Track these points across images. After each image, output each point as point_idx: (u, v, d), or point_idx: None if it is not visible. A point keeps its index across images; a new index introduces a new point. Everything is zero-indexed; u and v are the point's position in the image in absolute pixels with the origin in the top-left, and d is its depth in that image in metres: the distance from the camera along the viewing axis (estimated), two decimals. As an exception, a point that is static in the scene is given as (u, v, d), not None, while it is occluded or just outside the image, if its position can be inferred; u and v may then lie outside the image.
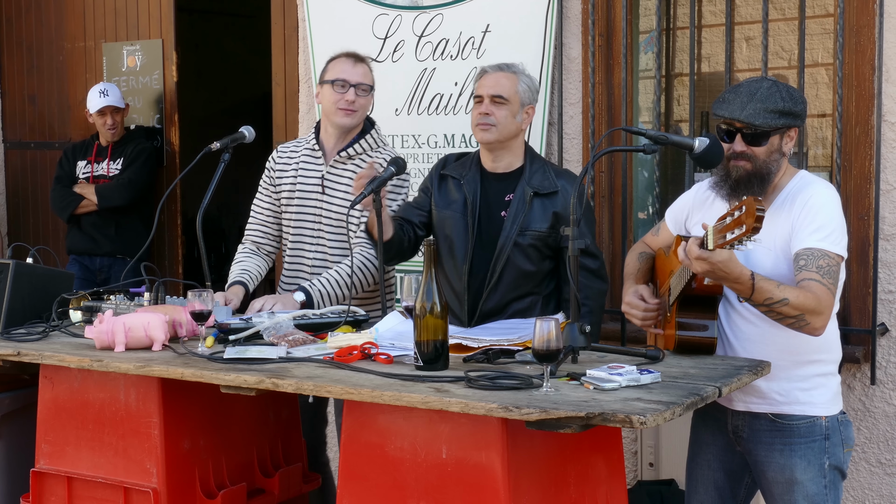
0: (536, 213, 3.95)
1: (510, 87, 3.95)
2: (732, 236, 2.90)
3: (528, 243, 3.96)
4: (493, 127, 3.94)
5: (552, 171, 4.02)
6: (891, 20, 4.16)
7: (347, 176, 4.23)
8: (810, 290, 3.11)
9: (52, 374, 3.63)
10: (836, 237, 3.21)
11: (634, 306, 3.48)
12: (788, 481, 3.34)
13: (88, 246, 6.37)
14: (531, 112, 4.02)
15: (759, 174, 3.29)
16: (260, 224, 4.43)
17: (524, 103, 3.98)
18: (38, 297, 3.94)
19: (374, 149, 4.28)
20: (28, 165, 7.18)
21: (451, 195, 4.08)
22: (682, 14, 4.95)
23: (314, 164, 4.31)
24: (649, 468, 4.71)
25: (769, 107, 3.25)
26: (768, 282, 3.11)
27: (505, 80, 3.97)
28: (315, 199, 4.28)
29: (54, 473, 3.63)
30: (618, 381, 2.91)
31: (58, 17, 6.98)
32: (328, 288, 4.07)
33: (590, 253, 3.93)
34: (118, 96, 6.36)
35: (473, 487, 2.87)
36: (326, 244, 4.25)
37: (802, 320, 3.12)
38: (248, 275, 4.29)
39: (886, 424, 4.26)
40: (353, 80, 4.19)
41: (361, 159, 4.24)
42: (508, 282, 3.98)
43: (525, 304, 3.99)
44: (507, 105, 3.94)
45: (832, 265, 3.16)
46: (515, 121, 3.97)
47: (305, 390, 3.05)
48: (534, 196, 3.95)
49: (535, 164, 4.04)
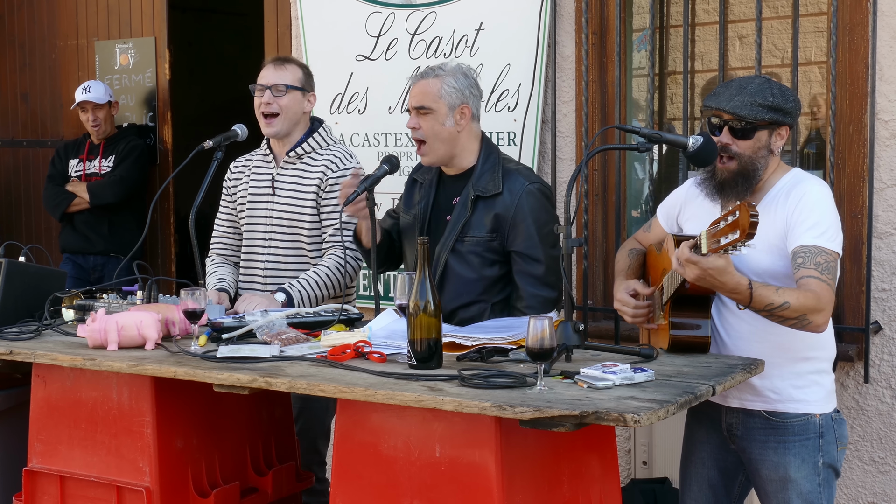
0: (477, 218, 3.81)
1: (433, 93, 3.81)
2: (726, 241, 2.90)
3: (468, 250, 3.82)
4: (423, 144, 3.84)
5: (500, 171, 3.83)
6: (884, 18, 4.16)
7: (296, 176, 4.29)
8: (809, 289, 3.10)
9: (44, 373, 3.62)
10: (831, 234, 3.21)
11: (625, 303, 3.48)
12: (782, 479, 3.34)
13: (81, 244, 6.36)
14: (467, 111, 3.82)
15: (744, 172, 3.28)
16: (222, 236, 4.53)
17: (453, 105, 3.81)
18: (31, 295, 3.93)
19: (324, 147, 4.33)
20: (20, 164, 7.17)
21: (415, 199, 4.04)
22: (675, 12, 4.95)
23: (265, 168, 4.40)
24: (643, 466, 4.71)
25: (757, 100, 3.25)
26: (766, 288, 3.10)
27: (427, 87, 3.82)
28: (266, 202, 4.34)
29: (47, 472, 3.62)
30: (611, 380, 2.90)
31: (50, 15, 6.96)
32: (308, 288, 4.09)
33: (533, 258, 3.77)
34: (100, 93, 6.30)
35: (467, 486, 2.87)
36: (279, 245, 4.30)
37: (805, 320, 3.11)
38: (225, 283, 4.37)
39: (880, 422, 4.27)
40: (268, 83, 4.27)
41: (311, 157, 4.30)
42: (450, 290, 3.84)
43: (471, 313, 3.83)
44: (433, 113, 3.81)
45: (830, 261, 3.16)
46: (445, 127, 3.81)
47: (299, 389, 3.04)
48: (476, 199, 3.82)
49: (487, 163, 3.86)
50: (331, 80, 5.37)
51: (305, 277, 4.12)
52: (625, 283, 3.55)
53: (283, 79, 4.28)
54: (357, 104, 5.35)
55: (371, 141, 5.31)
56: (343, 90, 5.37)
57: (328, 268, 4.13)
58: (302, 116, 4.34)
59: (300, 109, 4.32)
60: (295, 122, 4.32)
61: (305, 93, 4.33)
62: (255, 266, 4.35)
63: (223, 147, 4.14)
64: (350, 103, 5.37)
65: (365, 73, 5.33)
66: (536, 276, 3.78)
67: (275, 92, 4.26)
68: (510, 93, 4.92)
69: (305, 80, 4.35)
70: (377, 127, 5.30)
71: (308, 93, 4.35)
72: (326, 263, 4.15)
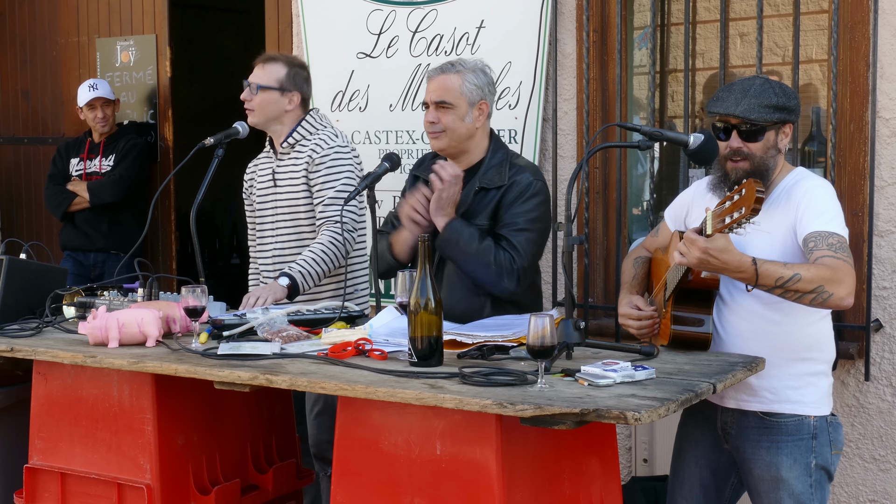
0: (478, 209, 3.80)
1: (454, 89, 3.81)
2: (731, 219, 2.90)
3: None
4: (441, 134, 3.83)
5: (508, 166, 3.83)
6: (885, 16, 4.16)
7: (290, 165, 4.37)
8: (823, 264, 3.07)
9: (45, 370, 3.62)
10: (838, 222, 3.21)
11: (629, 316, 3.49)
12: (774, 479, 3.33)
13: (82, 242, 6.36)
14: (485, 107, 3.85)
15: (757, 171, 3.29)
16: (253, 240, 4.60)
17: (473, 101, 3.82)
18: (32, 292, 3.94)
19: (312, 133, 4.39)
20: (21, 161, 7.17)
21: None
22: (676, 10, 4.95)
23: (267, 163, 4.49)
24: (643, 464, 4.72)
25: (763, 102, 3.26)
26: (773, 263, 3.08)
27: (448, 82, 3.83)
28: (270, 194, 4.43)
29: (48, 469, 3.62)
30: (612, 378, 2.90)
31: (51, 13, 6.96)
32: (308, 267, 4.14)
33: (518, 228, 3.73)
34: (108, 89, 6.35)
35: (467, 483, 2.87)
36: (283, 234, 4.39)
37: (824, 292, 3.05)
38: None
39: (880, 420, 4.27)
40: (249, 80, 4.39)
41: (300, 145, 4.37)
42: (450, 282, 3.82)
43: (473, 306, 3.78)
44: (453, 109, 3.81)
45: (842, 242, 3.15)
46: (465, 122, 3.82)
47: (299, 386, 3.04)
48: (479, 191, 3.81)
49: (495, 157, 3.86)
50: (332, 78, 5.38)
51: (304, 257, 4.17)
52: (627, 296, 3.55)
53: (259, 79, 4.37)
54: (358, 102, 5.35)
55: (372, 138, 5.31)
56: (344, 88, 5.37)
57: (323, 244, 4.18)
58: (283, 114, 4.38)
59: (276, 108, 4.36)
60: (272, 118, 4.38)
61: (284, 92, 4.36)
62: (265, 256, 4.44)
63: (224, 144, 4.15)
64: (351, 101, 5.37)
65: (366, 71, 5.33)
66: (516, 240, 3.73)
67: (252, 90, 4.36)
68: (511, 90, 4.92)
69: (287, 80, 4.37)
70: (378, 124, 5.30)
71: (288, 92, 4.37)
72: (321, 240, 4.21)
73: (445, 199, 3.77)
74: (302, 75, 4.45)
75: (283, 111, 4.37)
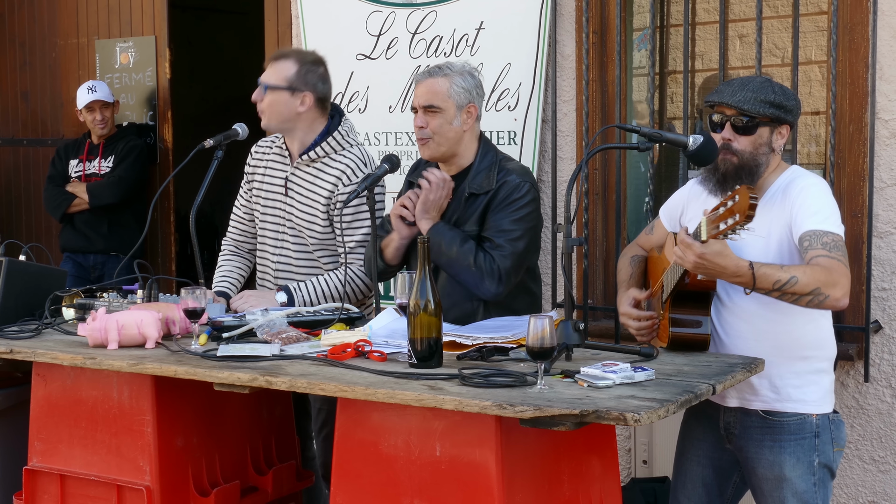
0: (469, 215, 3.80)
1: (442, 92, 3.79)
2: (726, 226, 2.90)
3: None
4: (429, 141, 3.81)
5: (497, 169, 3.81)
6: (884, 18, 4.16)
7: (309, 181, 4.13)
8: (818, 265, 3.08)
9: (44, 372, 3.62)
10: (834, 220, 3.21)
11: (630, 315, 3.49)
12: (777, 478, 3.34)
13: (82, 243, 6.37)
14: (473, 110, 3.83)
15: (746, 167, 3.29)
16: (238, 221, 4.43)
17: (461, 105, 3.80)
18: (31, 294, 3.93)
19: (339, 151, 4.13)
20: (21, 162, 7.17)
21: None
22: (675, 11, 4.95)
23: (280, 165, 4.25)
24: (643, 466, 4.72)
25: (760, 97, 3.28)
26: (770, 266, 3.09)
27: (436, 85, 3.80)
28: (279, 201, 4.23)
29: (47, 471, 3.62)
30: (612, 379, 2.90)
31: (50, 14, 6.96)
32: (311, 297, 4.03)
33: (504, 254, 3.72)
34: (107, 91, 6.37)
35: (467, 485, 2.87)
36: (289, 247, 4.21)
37: (820, 294, 3.07)
38: (227, 282, 4.32)
39: (880, 422, 4.27)
40: (260, 80, 4.13)
41: (324, 162, 4.13)
42: (442, 287, 3.79)
43: (465, 310, 3.79)
44: (441, 112, 3.79)
45: (836, 241, 3.15)
46: (453, 126, 3.80)
47: (299, 388, 3.04)
48: (469, 196, 3.81)
49: (484, 161, 3.85)
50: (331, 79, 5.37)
51: (313, 286, 4.06)
52: (626, 293, 3.56)
53: (268, 78, 4.10)
54: (357, 103, 5.36)
55: (372, 140, 5.31)
56: (343, 89, 5.37)
57: (338, 283, 4.04)
58: (296, 117, 4.10)
59: (287, 110, 4.09)
60: (284, 120, 4.12)
61: (295, 92, 4.08)
62: (267, 265, 4.30)
63: (223, 146, 4.12)
64: (351, 102, 5.37)
65: (365, 73, 5.33)
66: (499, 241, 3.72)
67: (262, 91, 4.12)
68: (510, 92, 4.93)
69: (297, 79, 4.08)
70: (378, 126, 5.30)
71: (299, 93, 4.08)
72: (338, 278, 4.05)
73: (432, 202, 3.79)
74: (316, 72, 4.13)
75: (295, 113, 4.08)
